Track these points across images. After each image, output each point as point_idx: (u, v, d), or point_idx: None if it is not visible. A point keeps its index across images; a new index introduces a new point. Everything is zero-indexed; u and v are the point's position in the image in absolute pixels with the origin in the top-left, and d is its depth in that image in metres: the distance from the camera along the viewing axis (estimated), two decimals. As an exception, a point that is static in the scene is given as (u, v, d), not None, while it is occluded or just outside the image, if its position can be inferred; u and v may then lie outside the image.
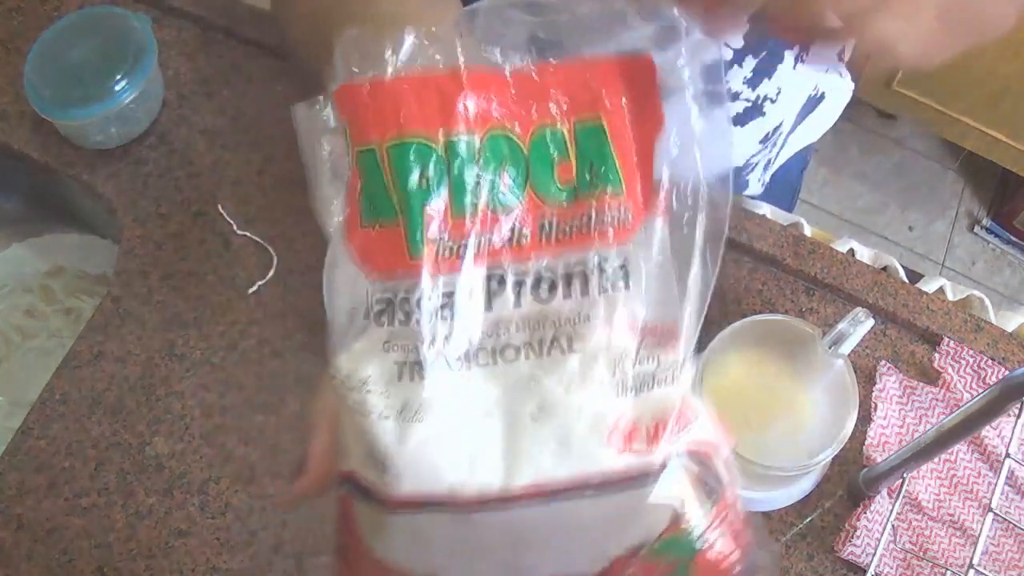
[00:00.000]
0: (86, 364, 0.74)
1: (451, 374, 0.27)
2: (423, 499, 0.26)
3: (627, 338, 0.27)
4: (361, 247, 0.28)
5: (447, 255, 0.27)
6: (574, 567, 0.28)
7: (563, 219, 0.27)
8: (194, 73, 0.88)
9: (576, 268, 0.27)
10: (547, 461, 0.26)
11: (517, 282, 0.27)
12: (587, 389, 0.26)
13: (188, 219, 0.81)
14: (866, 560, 0.68)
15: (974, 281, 1.89)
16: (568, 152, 0.27)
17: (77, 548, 0.68)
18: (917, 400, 0.74)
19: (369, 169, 0.27)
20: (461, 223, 0.27)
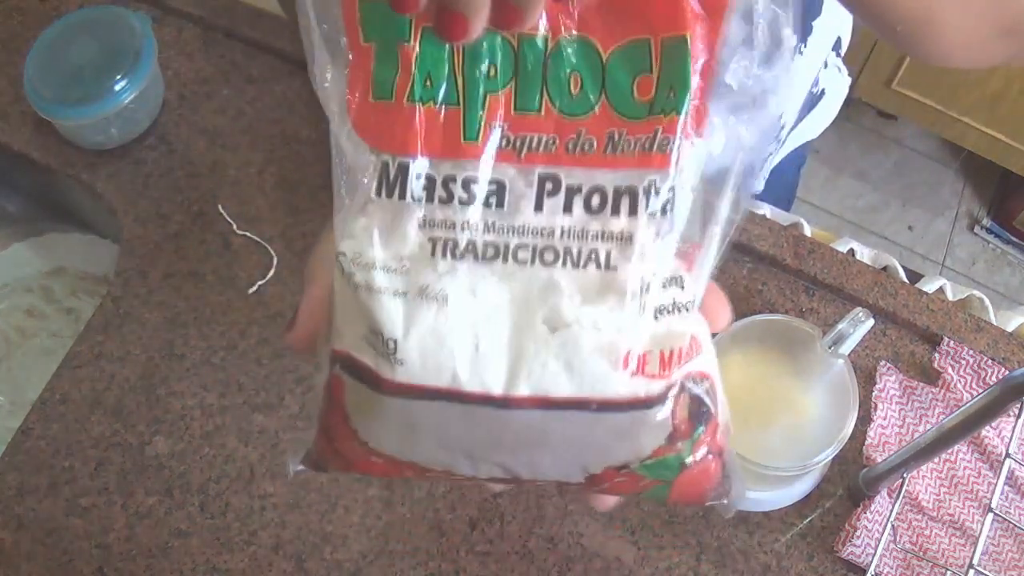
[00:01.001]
0: (86, 364, 0.74)
1: (479, 265, 0.26)
2: (422, 387, 0.26)
3: (662, 264, 0.27)
4: (377, 121, 0.27)
5: (504, 146, 0.26)
6: (562, 473, 0.29)
7: (632, 134, 0.27)
8: (194, 73, 0.88)
9: (631, 186, 0.27)
10: (551, 373, 0.26)
11: (572, 188, 0.27)
12: (607, 306, 0.26)
13: (188, 219, 0.81)
14: (866, 560, 0.68)
15: (974, 281, 1.89)
16: (652, 67, 0.26)
17: (77, 548, 0.68)
18: (917, 400, 0.74)
19: (434, 48, 0.26)
20: (524, 119, 0.26)
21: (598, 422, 0.27)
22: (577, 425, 0.27)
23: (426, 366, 0.26)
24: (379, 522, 0.69)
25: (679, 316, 0.27)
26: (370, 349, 0.27)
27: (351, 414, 0.29)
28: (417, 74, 0.26)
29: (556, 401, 0.26)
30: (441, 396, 0.26)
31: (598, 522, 0.70)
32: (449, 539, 0.69)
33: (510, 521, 0.70)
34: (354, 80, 0.27)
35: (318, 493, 0.70)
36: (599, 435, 0.27)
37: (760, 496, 0.69)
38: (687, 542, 0.69)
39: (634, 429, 0.27)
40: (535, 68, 0.26)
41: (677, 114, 0.26)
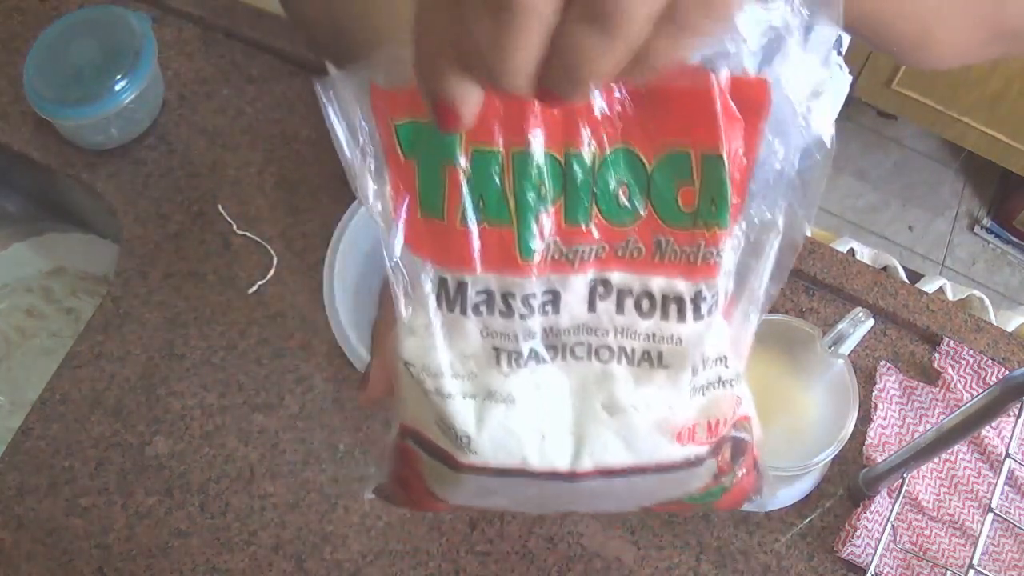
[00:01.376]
0: (86, 364, 0.74)
1: (540, 365, 0.28)
2: (495, 468, 0.29)
3: (708, 353, 0.29)
4: (431, 238, 0.28)
5: (557, 258, 0.28)
6: (619, 509, 0.34)
7: (679, 243, 0.28)
8: (194, 73, 0.88)
9: (677, 294, 0.29)
10: (612, 450, 0.28)
11: (623, 291, 0.29)
12: (657, 387, 0.28)
13: (188, 219, 0.81)
14: (866, 560, 0.68)
15: (974, 281, 1.89)
16: (693, 178, 0.28)
17: (77, 548, 0.68)
18: (917, 400, 0.74)
19: (484, 169, 0.27)
20: (575, 231, 0.28)
21: (653, 480, 0.29)
22: (634, 484, 0.29)
23: (498, 454, 0.28)
24: (379, 522, 0.69)
25: (726, 387, 0.29)
26: (442, 435, 0.29)
27: (426, 477, 0.31)
28: (469, 196, 0.27)
29: (616, 470, 0.29)
30: (513, 474, 0.29)
31: (598, 522, 0.70)
32: (449, 539, 0.69)
33: (510, 521, 0.70)
34: (398, 196, 0.28)
35: (318, 493, 0.70)
36: (654, 485, 0.30)
37: (760, 496, 0.69)
38: (687, 542, 0.69)
39: (685, 479, 0.30)
40: (584, 183, 0.28)
41: (719, 228, 0.28)
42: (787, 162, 0.28)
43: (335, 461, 0.71)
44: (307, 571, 0.68)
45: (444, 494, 0.31)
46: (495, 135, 0.27)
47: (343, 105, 0.28)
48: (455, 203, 0.27)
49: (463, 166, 0.27)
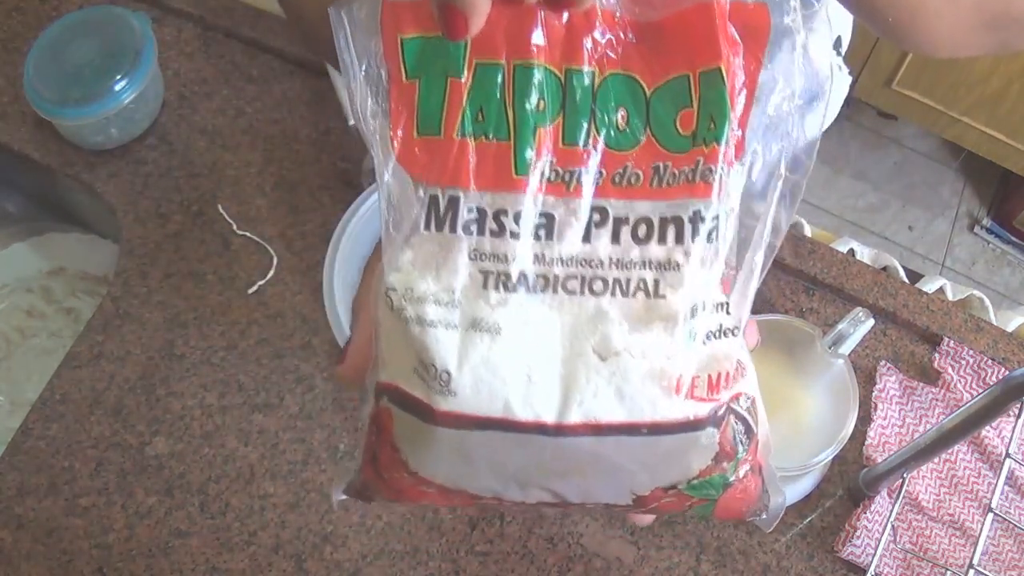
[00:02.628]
0: (86, 364, 0.74)
1: (530, 296, 0.27)
2: (475, 417, 0.26)
3: (709, 290, 0.27)
4: (424, 155, 0.27)
5: (553, 179, 0.27)
6: (611, 496, 0.29)
7: (677, 166, 0.27)
8: (194, 73, 0.88)
9: (676, 216, 0.27)
10: (603, 401, 0.26)
11: (620, 219, 0.27)
12: (655, 333, 0.26)
13: (188, 219, 0.81)
14: (866, 560, 0.68)
15: (974, 281, 1.89)
16: (692, 100, 0.27)
17: (77, 548, 0.68)
18: (917, 400, 0.74)
19: (486, 81, 0.27)
20: (572, 152, 0.27)
21: (648, 445, 0.27)
22: (627, 449, 0.27)
23: (479, 397, 0.26)
24: (379, 522, 0.69)
25: (726, 340, 0.28)
26: (420, 381, 0.27)
27: (400, 445, 0.29)
28: (468, 108, 0.26)
29: (608, 427, 0.26)
30: (493, 425, 0.26)
31: (598, 522, 0.70)
32: (449, 539, 0.69)
33: (510, 521, 0.70)
34: (396, 116, 0.27)
35: (318, 493, 0.70)
36: (649, 457, 0.28)
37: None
38: (687, 542, 0.69)
39: (683, 450, 0.28)
40: (583, 103, 0.27)
41: (718, 143, 0.27)
42: (789, 101, 0.28)
43: (335, 461, 0.71)
44: (307, 571, 0.68)
45: (417, 463, 0.28)
46: (499, 48, 0.27)
47: (354, 28, 0.27)
48: (454, 117, 0.27)
49: (465, 78, 0.27)
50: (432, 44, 0.26)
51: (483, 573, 0.68)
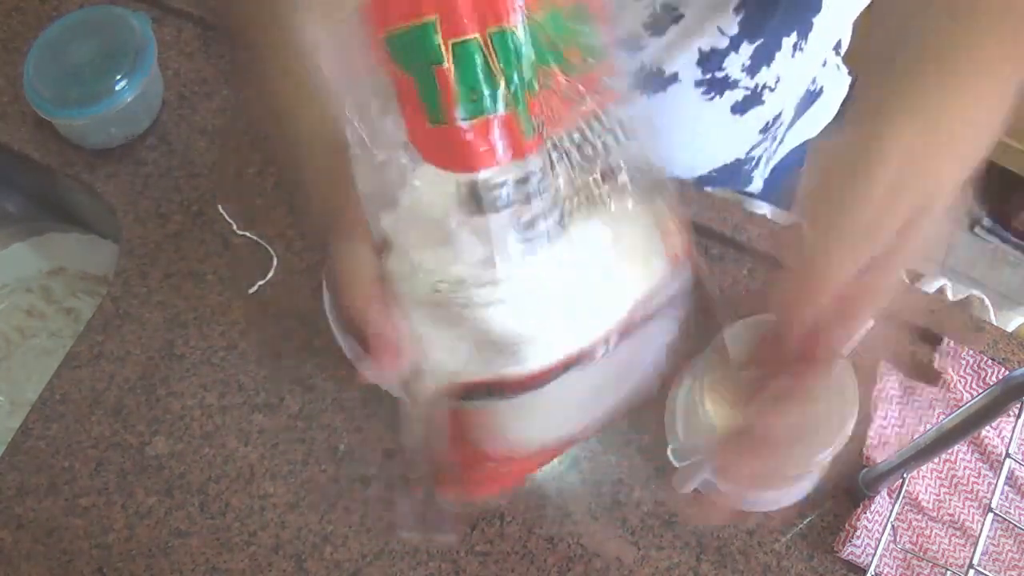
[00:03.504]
0: (86, 364, 0.74)
1: (553, 242, 0.28)
2: (543, 371, 0.28)
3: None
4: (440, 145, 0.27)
5: (538, 130, 0.28)
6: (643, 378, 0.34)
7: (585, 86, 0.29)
8: (194, 73, 0.88)
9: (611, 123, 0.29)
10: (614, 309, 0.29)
11: (569, 140, 0.28)
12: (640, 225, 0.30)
13: (188, 219, 0.81)
14: (866, 560, 0.68)
15: (974, 281, 1.89)
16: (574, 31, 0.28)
17: (77, 548, 0.68)
18: (917, 400, 0.74)
19: (468, 64, 0.26)
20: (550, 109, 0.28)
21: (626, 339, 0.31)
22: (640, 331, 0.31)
23: (540, 354, 0.27)
24: (379, 522, 0.69)
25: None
26: (487, 365, 0.28)
27: (485, 436, 0.30)
28: (459, 92, 0.26)
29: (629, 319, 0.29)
30: (561, 369, 0.28)
31: (598, 522, 0.70)
32: (449, 539, 0.69)
33: (510, 521, 0.70)
34: (408, 112, 0.27)
35: (318, 493, 0.70)
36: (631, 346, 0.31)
37: (760, 496, 0.69)
38: (687, 542, 0.69)
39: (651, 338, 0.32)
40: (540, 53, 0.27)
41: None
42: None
43: (335, 461, 0.71)
44: (307, 571, 0.68)
45: (514, 436, 0.30)
46: (465, 24, 0.26)
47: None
48: (450, 104, 0.27)
49: (447, 64, 0.26)
50: (408, 35, 0.26)
51: (483, 573, 0.68)
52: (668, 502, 0.71)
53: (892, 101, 0.38)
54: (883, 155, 0.35)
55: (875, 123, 0.37)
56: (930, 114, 0.37)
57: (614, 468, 0.72)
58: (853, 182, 0.36)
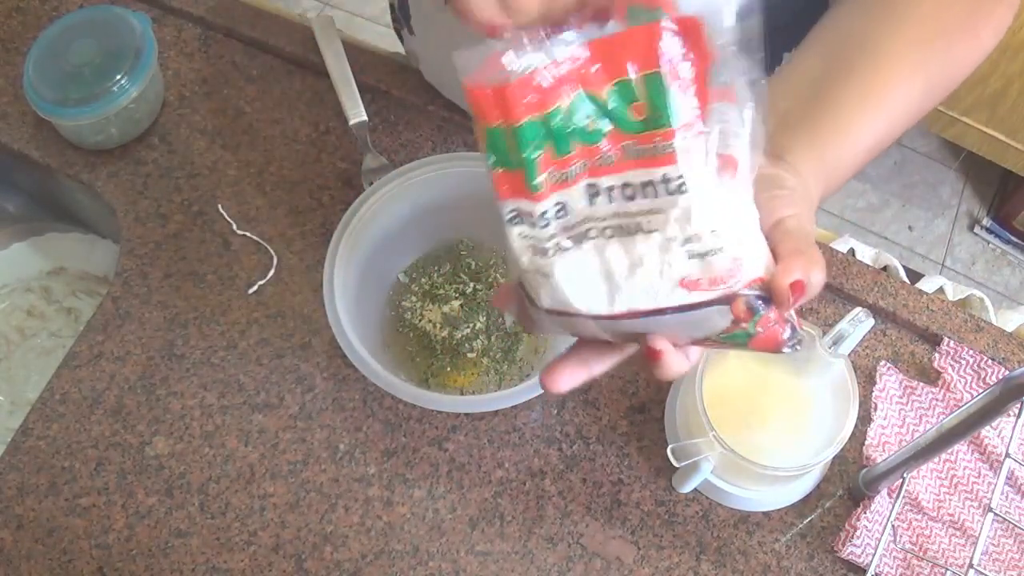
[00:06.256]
0: (86, 364, 0.74)
1: (565, 251, 0.40)
2: (558, 311, 0.41)
3: (692, 226, 0.39)
4: (494, 181, 0.41)
5: (556, 181, 0.40)
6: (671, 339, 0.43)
7: (639, 144, 0.39)
8: (194, 73, 0.88)
9: (649, 180, 0.39)
10: (637, 297, 0.40)
11: (611, 188, 0.40)
12: (664, 255, 0.39)
13: (188, 219, 0.81)
14: (866, 560, 0.68)
15: (974, 281, 1.89)
16: (638, 96, 0.39)
17: (77, 548, 0.68)
18: (917, 400, 0.74)
19: (496, 139, 0.40)
20: (565, 159, 0.40)
21: (676, 319, 0.40)
22: (661, 322, 0.40)
23: (558, 303, 0.41)
24: (379, 522, 0.69)
25: (714, 255, 0.39)
26: (526, 285, 0.42)
27: (531, 312, 0.43)
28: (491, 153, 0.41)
29: (643, 312, 0.40)
30: (572, 315, 0.41)
31: (598, 522, 0.70)
32: (449, 539, 0.69)
33: (510, 521, 0.70)
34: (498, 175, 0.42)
35: (318, 493, 0.70)
36: (679, 325, 0.41)
37: (760, 496, 0.69)
38: (687, 542, 0.69)
39: (703, 320, 0.40)
40: (560, 129, 0.40)
41: (669, 126, 0.39)
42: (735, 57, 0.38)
43: (335, 461, 0.71)
44: (307, 571, 0.68)
45: (544, 327, 0.43)
46: (492, 119, 0.40)
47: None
48: (485, 155, 0.41)
49: (486, 139, 0.40)
50: (503, 137, 0.40)
51: (483, 573, 0.68)
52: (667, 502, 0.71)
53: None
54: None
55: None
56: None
57: (614, 468, 0.72)
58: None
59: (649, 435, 0.73)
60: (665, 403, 0.73)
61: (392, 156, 0.84)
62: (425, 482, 0.71)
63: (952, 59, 0.56)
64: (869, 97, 0.52)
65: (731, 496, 0.69)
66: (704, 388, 0.64)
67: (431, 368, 0.75)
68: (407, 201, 0.72)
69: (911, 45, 0.54)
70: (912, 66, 0.54)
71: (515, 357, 0.75)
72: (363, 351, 0.65)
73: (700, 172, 0.39)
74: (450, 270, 0.79)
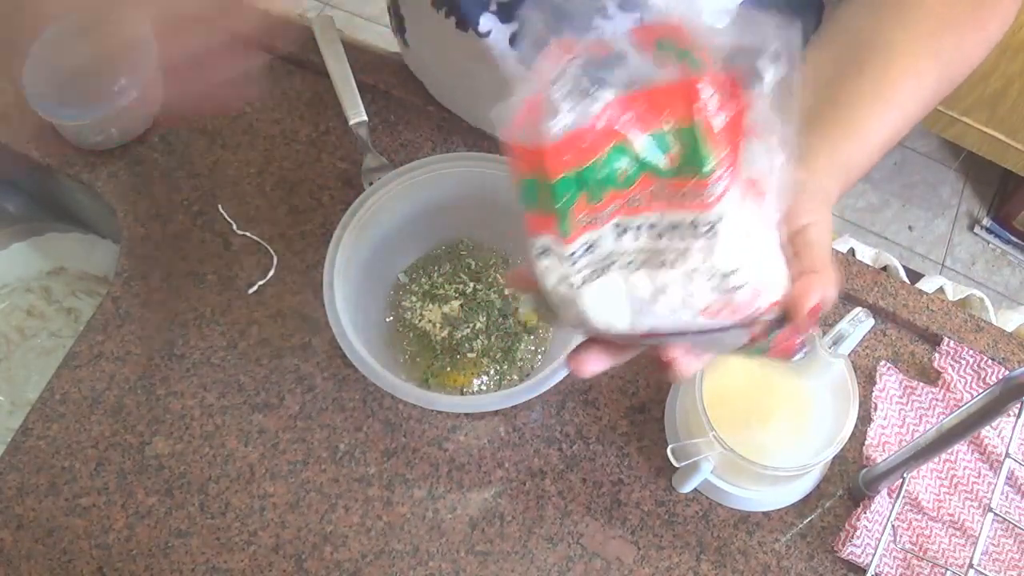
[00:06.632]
0: (86, 364, 0.74)
1: (591, 283, 0.41)
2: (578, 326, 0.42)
3: (718, 263, 0.40)
4: (526, 218, 0.42)
5: (587, 223, 0.41)
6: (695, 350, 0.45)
7: (669, 188, 0.40)
8: (194, 73, 0.88)
9: (680, 221, 0.40)
10: (659, 321, 0.41)
11: (637, 227, 0.41)
12: (686, 286, 0.40)
13: (188, 219, 0.81)
14: (866, 560, 0.68)
15: (974, 281, 1.89)
16: (672, 147, 0.40)
17: (77, 548, 0.68)
18: (917, 400, 0.74)
19: (530, 189, 0.41)
20: (595, 206, 0.41)
21: (697, 338, 0.42)
22: (683, 339, 0.42)
23: (577, 321, 0.42)
24: (379, 522, 0.69)
25: (737, 289, 0.40)
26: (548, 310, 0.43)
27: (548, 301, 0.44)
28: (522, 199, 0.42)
29: (662, 333, 0.42)
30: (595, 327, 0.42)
31: (598, 522, 0.70)
32: (449, 539, 0.69)
33: (510, 521, 0.70)
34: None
35: (318, 493, 0.70)
36: (700, 342, 0.43)
37: (760, 496, 0.69)
38: (687, 542, 0.69)
39: (723, 339, 0.42)
40: (593, 179, 0.40)
41: (702, 176, 0.39)
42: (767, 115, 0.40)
43: (335, 461, 0.71)
44: (307, 571, 0.68)
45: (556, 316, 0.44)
46: (527, 173, 0.41)
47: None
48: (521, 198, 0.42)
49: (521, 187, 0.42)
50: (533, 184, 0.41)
51: (483, 573, 0.68)
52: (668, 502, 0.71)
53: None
54: None
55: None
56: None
57: (614, 468, 0.72)
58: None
59: (649, 435, 0.73)
60: (665, 403, 0.73)
61: (392, 156, 0.84)
62: (425, 482, 0.71)
63: (961, 52, 0.57)
64: (882, 94, 0.53)
65: (731, 496, 0.69)
66: (704, 388, 0.64)
67: (431, 368, 0.75)
68: (407, 201, 0.72)
69: (921, 40, 0.55)
70: (923, 60, 0.55)
71: (515, 357, 0.75)
72: (363, 351, 0.65)
73: (729, 215, 0.40)
74: (450, 270, 0.79)
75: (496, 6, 0.66)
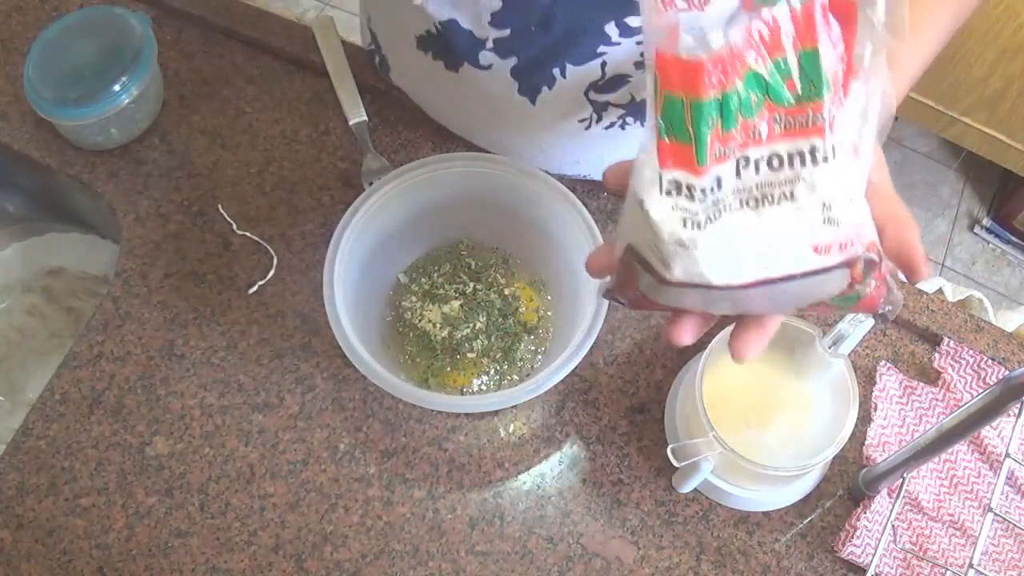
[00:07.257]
0: (86, 364, 0.74)
1: (712, 223, 0.41)
2: (687, 283, 0.42)
3: (828, 193, 0.41)
4: (659, 149, 0.42)
5: (718, 155, 0.41)
6: (781, 311, 0.46)
7: (789, 115, 0.41)
8: (194, 73, 0.88)
9: (799, 150, 0.41)
10: (770, 265, 0.41)
11: (759, 159, 0.41)
12: (800, 222, 0.41)
13: (188, 219, 0.81)
14: (866, 560, 0.68)
15: (974, 281, 1.89)
16: (793, 73, 0.41)
17: (77, 548, 0.68)
18: (917, 400, 0.74)
19: (673, 108, 0.41)
20: (728, 135, 0.41)
21: (801, 284, 0.42)
22: (788, 287, 0.42)
23: (689, 275, 0.42)
24: (379, 522, 0.69)
25: (845, 224, 0.41)
26: (653, 255, 0.43)
27: (641, 285, 0.45)
28: (663, 125, 0.42)
29: (774, 279, 0.42)
30: (701, 287, 0.42)
31: (598, 522, 0.70)
32: (449, 539, 0.69)
33: (510, 521, 0.70)
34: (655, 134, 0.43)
35: (318, 493, 0.70)
36: (802, 289, 0.43)
37: (760, 496, 0.69)
38: (687, 542, 0.69)
39: (823, 284, 0.42)
40: (729, 107, 0.41)
41: (820, 99, 0.40)
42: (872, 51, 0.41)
43: (335, 461, 0.71)
44: (307, 571, 0.68)
45: (653, 297, 0.45)
46: (676, 88, 0.41)
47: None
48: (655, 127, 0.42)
49: (663, 105, 0.41)
50: (678, 103, 0.41)
51: (483, 573, 0.68)
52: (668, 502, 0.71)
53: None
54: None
55: None
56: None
57: (614, 468, 0.72)
58: None
59: (649, 435, 0.73)
60: (665, 403, 0.73)
61: (392, 156, 0.84)
62: (425, 482, 0.71)
63: None
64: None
65: (731, 496, 0.69)
66: (704, 388, 0.64)
67: (431, 368, 0.75)
68: (407, 201, 0.72)
69: None
70: None
71: (515, 357, 0.75)
72: (363, 351, 0.65)
73: (841, 143, 0.41)
74: (450, 270, 0.79)
75: (492, 43, 0.65)
